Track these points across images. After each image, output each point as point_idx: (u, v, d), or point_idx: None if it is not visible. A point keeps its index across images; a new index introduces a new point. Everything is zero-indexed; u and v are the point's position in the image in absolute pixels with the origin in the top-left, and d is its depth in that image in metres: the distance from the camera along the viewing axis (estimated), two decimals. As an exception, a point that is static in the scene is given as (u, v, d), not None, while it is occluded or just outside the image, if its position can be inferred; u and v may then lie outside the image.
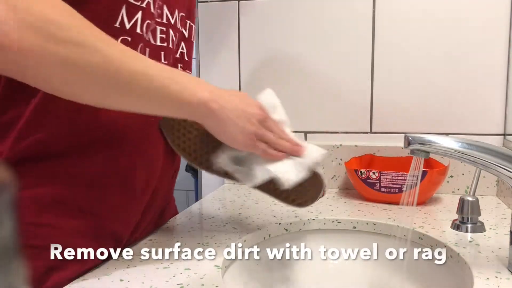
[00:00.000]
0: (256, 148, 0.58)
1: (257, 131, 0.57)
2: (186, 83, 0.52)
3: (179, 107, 0.52)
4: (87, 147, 0.56)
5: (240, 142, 0.58)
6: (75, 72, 0.44)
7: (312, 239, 0.79)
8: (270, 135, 0.59)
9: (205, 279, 0.55)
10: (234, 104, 0.56)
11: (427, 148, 0.57)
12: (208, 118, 0.55)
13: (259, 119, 0.58)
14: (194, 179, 1.79)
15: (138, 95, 0.49)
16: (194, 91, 0.52)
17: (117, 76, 0.46)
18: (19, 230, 0.15)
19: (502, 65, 0.96)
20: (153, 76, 0.49)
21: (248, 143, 0.57)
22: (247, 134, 0.57)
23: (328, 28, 1.04)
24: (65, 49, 0.42)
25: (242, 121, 0.56)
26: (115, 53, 0.46)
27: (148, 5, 0.58)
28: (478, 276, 0.55)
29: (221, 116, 0.55)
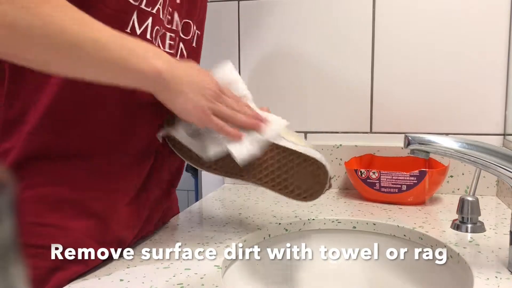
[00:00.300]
0: (211, 123, 0.57)
1: (211, 106, 0.56)
2: (140, 51, 0.50)
3: (131, 75, 0.50)
4: (95, 149, 0.56)
5: (193, 116, 0.56)
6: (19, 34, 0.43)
7: (312, 239, 0.79)
8: (226, 110, 0.58)
9: (205, 279, 0.55)
10: (190, 76, 0.55)
11: (427, 148, 0.57)
12: (161, 88, 0.53)
13: (214, 94, 0.57)
14: (194, 179, 1.80)
15: (88, 61, 0.47)
16: (147, 59, 0.50)
17: (60, 39, 0.44)
18: (20, 230, 0.15)
19: (502, 65, 0.96)
20: (105, 43, 0.47)
21: (202, 117, 0.56)
22: (200, 108, 0.55)
23: (328, 28, 1.04)
24: (13, 10, 0.41)
25: (196, 94, 0.55)
26: (63, 18, 0.45)
27: (158, 11, 0.58)
28: (478, 276, 0.55)
29: (174, 88, 0.53)
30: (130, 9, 0.55)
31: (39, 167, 0.53)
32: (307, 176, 0.62)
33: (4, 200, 0.15)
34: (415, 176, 0.86)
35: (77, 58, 0.47)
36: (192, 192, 2.00)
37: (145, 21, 0.57)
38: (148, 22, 0.57)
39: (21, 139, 0.53)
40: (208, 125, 0.58)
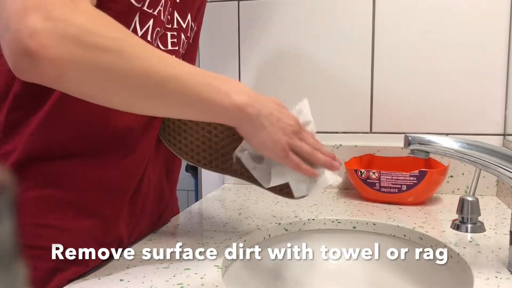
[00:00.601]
0: (288, 160, 0.56)
1: (291, 142, 0.56)
2: (221, 86, 0.51)
3: (214, 111, 0.51)
4: (94, 150, 0.56)
5: (272, 151, 0.56)
6: (104, 77, 0.44)
7: (312, 239, 0.79)
8: (306, 147, 0.57)
9: (205, 279, 0.55)
10: (271, 110, 0.55)
11: (427, 148, 0.57)
12: (243, 123, 0.53)
13: (293, 130, 0.57)
14: (194, 179, 1.80)
15: (171, 100, 0.49)
16: (229, 94, 0.51)
17: (147, 80, 0.46)
18: (20, 231, 0.15)
19: (502, 65, 0.96)
20: (186, 80, 0.48)
21: (280, 153, 0.56)
22: (280, 143, 0.55)
23: (328, 28, 1.04)
24: (95, 55, 0.43)
25: (277, 129, 0.55)
26: (147, 57, 0.46)
27: (159, 13, 0.58)
28: (478, 276, 0.55)
29: (257, 122, 0.53)
30: (133, 11, 0.55)
31: (39, 168, 0.54)
32: None
33: (4, 200, 0.15)
34: (415, 176, 0.86)
35: (160, 98, 0.48)
36: (192, 192, 2.00)
37: (147, 23, 0.57)
38: (149, 24, 0.57)
39: (23, 140, 0.53)
40: (285, 162, 0.57)
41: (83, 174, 0.56)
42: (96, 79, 0.44)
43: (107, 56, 0.43)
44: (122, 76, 0.44)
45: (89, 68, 0.43)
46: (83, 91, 0.46)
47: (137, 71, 0.45)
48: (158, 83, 0.46)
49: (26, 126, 0.53)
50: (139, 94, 0.47)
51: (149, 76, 0.45)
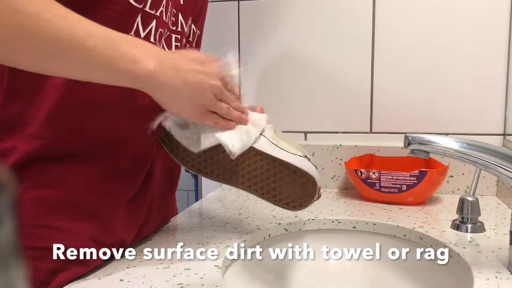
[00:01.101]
0: (205, 120, 0.56)
1: (210, 105, 0.55)
2: (130, 51, 0.48)
3: (121, 76, 0.49)
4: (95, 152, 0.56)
5: (188, 114, 0.56)
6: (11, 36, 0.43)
7: (312, 239, 0.79)
8: (224, 107, 0.57)
9: (205, 279, 0.55)
10: (188, 74, 0.52)
11: (427, 148, 0.57)
12: (155, 90, 0.52)
13: (215, 92, 0.55)
14: (194, 179, 1.80)
15: (73, 61, 0.46)
16: (137, 60, 0.48)
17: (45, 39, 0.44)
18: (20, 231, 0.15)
19: (502, 65, 0.96)
20: (86, 41, 0.45)
21: (197, 115, 0.55)
22: (197, 108, 0.54)
23: (328, 28, 1.04)
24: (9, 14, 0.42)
25: (195, 94, 0.53)
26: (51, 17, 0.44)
27: (161, 13, 0.58)
28: (478, 276, 0.55)
29: (169, 89, 0.51)
30: (134, 12, 0.54)
31: (40, 169, 0.53)
32: (296, 187, 0.63)
33: (4, 200, 0.15)
34: (415, 176, 0.86)
35: (62, 57, 0.46)
36: (192, 192, 2.00)
37: (149, 24, 0.57)
38: (152, 25, 0.57)
39: (23, 140, 0.53)
40: (202, 122, 0.57)
41: (82, 175, 0.56)
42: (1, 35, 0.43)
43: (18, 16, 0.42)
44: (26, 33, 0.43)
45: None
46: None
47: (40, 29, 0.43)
48: (58, 42, 0.44)
49: (24, 125, 0.53)
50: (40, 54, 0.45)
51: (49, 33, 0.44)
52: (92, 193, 0.56)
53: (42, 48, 0.45)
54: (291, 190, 0.63)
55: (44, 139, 0.53)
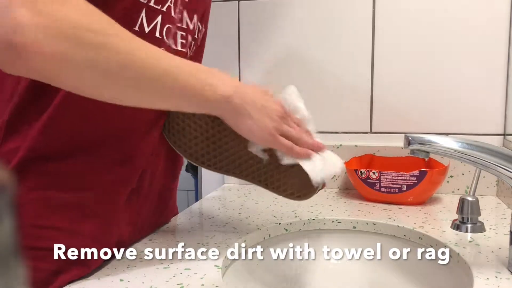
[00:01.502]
0: (278, 143, 0.58)
1: (277, 127, 0.57)
2: (207, 78, 0.52)
3: (200, 103, 0.53)
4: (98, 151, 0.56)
5: (259, 137, 0.57)
6: (98, 74, 0.44)
7: (312, 239, 0.79)
8: (292, 131, 0.59)
9: (205, 279, 0.55)
10: (255, 99, 0.56)
11: (427, 148, 0.57)
12: (228, 113, 0.55)
13: (280, 115, 0.58)
14: (194, 179, 1.80)
15: (159, 94, 0.50)
16: (215, 86, 0.52)
17: (138, 76, 0.47)
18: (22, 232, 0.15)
19: (502, 65, 0.96)
20: (176, 74, 0.49)
21: (268, 138, 0.57)
22: (266, 129, 0.57)
23: (328, 28, 1.04)
24: (87, 52, 0.43)
25: (262, 116, 0.56)
26: (136, 53, 0.46)
27: (168, 9, 0.58)
28: (478, 276, 0.55)
29: (241, 111, 0.55)
30: (139, 7, 0.54)
31: (41, 169, 0.53)
32: (301, 179, 0.63)
33: (4, 200, 0.15)
34: (415, 176, 0.86)
35: (147, 92, 0.49)
36: (192, 192, 2.00)
37: (154, 19, 0.56)
38: (158, 20, 0.57)
39: (28, 140, 0.52)
40: (275, 145, 0.59)
41: (84, 175, 0.56)
42: (85, 74, 0.44)
43: (96, 52, 0.43)
44: (111, 70, 0.45)
45: (76, 62, 0.42)
46: (72, 85, 0.46)
47: (125, 65, 0.45)
48: (147, 77, 0.47)
49: (30, 125, 0.53)
50: (126, 88, 0.47)
51: (137, 70, 0.46)
52: (93, 193, 0.56)
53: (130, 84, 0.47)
54: (296, 181, 0.64)
55: (47, 139, 0.53)
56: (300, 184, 0.64)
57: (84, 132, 0.55)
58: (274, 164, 0.63)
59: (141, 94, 0.49)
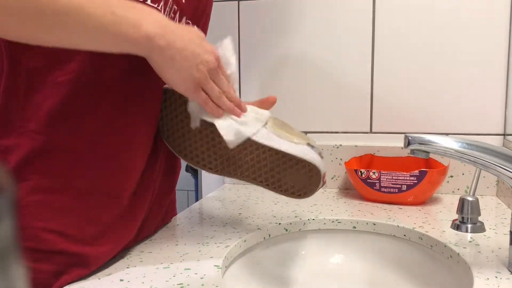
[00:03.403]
0: (196, 96, 0.56)
1: (202, 79, 0.55)
2: (131, 16, 0.48)
3: (123, 42, 0.49)
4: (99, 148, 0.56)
5: (181, 86, 0.55)
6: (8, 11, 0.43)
7: (312, 239, 0.79)
8: (215, 89, 0.57)
9: (205, 279, 0.55)
10: (186, 43, 0.52)
11: (427, 148, 0.57)
12: (153, 54, 0.51)
13: (210, 68, 0.55)
14: (194, 179, 1.80)
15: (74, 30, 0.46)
16: (140, 24, 0.48)
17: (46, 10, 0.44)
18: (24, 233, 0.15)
19: (502, 65, 0.96)
20: (88, 9, 0.45)
21: (189, 88, 0.55)
22: (190, 79, 0.54)
23: (328, 28, 1.04)
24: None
25: (190, 64, 0.53)
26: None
27: (161, 8, 0.57)
28: (478, 276, 0.55)
29: (167, 55, 0.51)
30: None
31: (43, 168, 0.53)
32: (300, 177, 0.63)
33: (4, 200, 0.15)
34: (415, 176, 0.86)
35: (62, 29, 0.46)
36: (192, 192, 2.00)
37: None
38: None
39: (25, 137, 0.52)
40: (193, 98, 0.57)
41: (86, 178, 0.55)
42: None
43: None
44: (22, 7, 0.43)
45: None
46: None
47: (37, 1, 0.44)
48: (57, 12, 0.44)
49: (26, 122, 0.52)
50: (41, 25, 0.45)
51: (48, 5, 0.44)
52: (95, 196, 0.56)
53: (42, 20, 0.45)
54: (295, 180, 0.63)
55: (46, 135, 0.53)
56: (300, 182, 0.64)
57: (86, 134, 0.55)
58: (275, 163, 0.63)
59: (53, 32, 0.46)
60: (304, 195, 0.65)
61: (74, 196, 0.55)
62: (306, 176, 0.63)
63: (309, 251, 0.78)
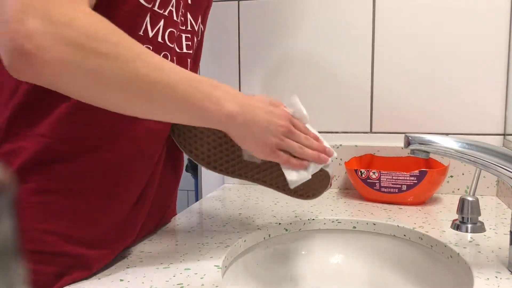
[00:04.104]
0: (276, 158, 0.59)
1: (278, 143, 0.58)
2: (215, 94, 0.52)
3: (205, 118, 0.53)
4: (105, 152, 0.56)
5: (259, 152, 0.59)
6: (101, 82, 0.44)
7: (312, 239, 0.79)
8: (294, 145, 0.60)
9: (205, 279, 0.55)
10: (261, 115, 0.56)
11: (427, 148, 0.57)
12: (232, 129, 0.55)
13: (284, 131, 0.58)
14: (194, 179, 1.80)
15: (162, 105, 0.49)
16: (220, 103, 0.52)
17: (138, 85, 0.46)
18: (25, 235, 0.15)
19: (502, 65, 0.96)
20: (177, 86, 0.49)
21: (267, 153, 0.58)
22: (266, 145, 0.57)
23: (328, 28, 1.04)
24: (91, 61, 0.43)
25: (265, 134, 0.57)
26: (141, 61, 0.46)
27: (170, 13, 0.58)
28: (478, 276, 0.55)
29: (244, 129, 0.55)
30: (143, 12, 0.55)
31: (47, 171, 0.53)
32: (312, 180, 0.64)
33: (4, 200, 0.15)
34: (415, 176, 0.86)
35: (150, 103, 0.48)
36: (192, 192, 2.00)
37: (158, 24, 0.57)
38: (160, 24, 0.57)
39: (32, 140, 0.52)
40: (273, 160, 0.60)
41: (88, 180, 0.55)
42: (91, 82, 0.44)
43: (103, 61, 0.43)
44: (115, 80, 0.45)
45: (84, 71, 0.43)
46: (77, 92, 0.46)
47: (130, 75, 0.45)
48: (148, 88, 0.47)
49: (32, 126, 0.52)
50: (130, 98, 0.47)
51: (140, 81, 0.46)
52: (96, 198, 0.56)
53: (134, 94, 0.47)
54: (307, 183, 0.64)
55: (53, 139, 0.53)
56: (311, 185, 0.66)
57: (90, 133, 0.55)
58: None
59: (142, 105, 0.48)
60: (313, 197, 0.68)
61: (75, 198, 0.55)
62: (318, 179, 0.66)
63: (309, 251, 0.78)
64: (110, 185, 0.57)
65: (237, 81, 1.10)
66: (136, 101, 0.48)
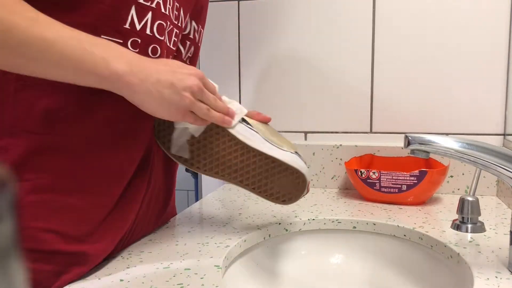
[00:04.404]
0: (184, 120, 0.57)
1: (188, 105, 0.55)
2: (99, 52, 0.48)
3: (89, 78, 0.49)
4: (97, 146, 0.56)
5: (166, 115, 0.56)
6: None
7: (312, 239, 0.79)
8: (203, 108, 0.57)
9: (205, 279, 0.55)
10: (158, 76, 0.53)
11: (427, 148, 0.57)
12: (124, 91, 0.51)
13: (194, 91, 0.55)
14: (194, 179, 1.79)
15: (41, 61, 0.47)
16: (107, 61, 0.49)
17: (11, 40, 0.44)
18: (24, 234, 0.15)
19: (502, 65, 0.96)
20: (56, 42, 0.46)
21: (175, 115, 0.56)
22: (174, 108, 0.55)
23: (328, 28, 1.04)
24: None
25: (170, 93, 0.53)
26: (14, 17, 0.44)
27: (158, 5, 0.57)
28: (478, 276, 0.55)
29: (140, 90, 0.51)
30: (127, 4, 0.54)
31: (41, 167, 0.53)
32: (288, 183, 0.65)
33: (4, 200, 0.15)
34: (415, 176, 0.86)
35: (29, 59, 0.46)
36: (192, 192, 1.99)
37: (145, 16, 0.56)
38: (148, 17, 0.56)
39: (19, 137, 0.52)
40: (182, 120, 0.58)
41: (81, 177, 0.55)
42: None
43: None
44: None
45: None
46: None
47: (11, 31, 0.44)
48: (23, 43, 0.44)
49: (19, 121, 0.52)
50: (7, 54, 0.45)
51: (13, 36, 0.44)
52: (95, 196, 0.56)
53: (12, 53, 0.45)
54: (282, 186, 0.65)
55: (42, 135, 0.53)
56: (286, 188, 0.66)
57: (86, 134, 0.55)
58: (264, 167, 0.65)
59: (28, 63, 0.46)
60: (289, 201, 0.67)
61: (69, 195, 0.55)
62: (293, 183, 0.65)
63: (309, 251, 0.78)
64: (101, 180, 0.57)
65: (237, 81, 1.10)
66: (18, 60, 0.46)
